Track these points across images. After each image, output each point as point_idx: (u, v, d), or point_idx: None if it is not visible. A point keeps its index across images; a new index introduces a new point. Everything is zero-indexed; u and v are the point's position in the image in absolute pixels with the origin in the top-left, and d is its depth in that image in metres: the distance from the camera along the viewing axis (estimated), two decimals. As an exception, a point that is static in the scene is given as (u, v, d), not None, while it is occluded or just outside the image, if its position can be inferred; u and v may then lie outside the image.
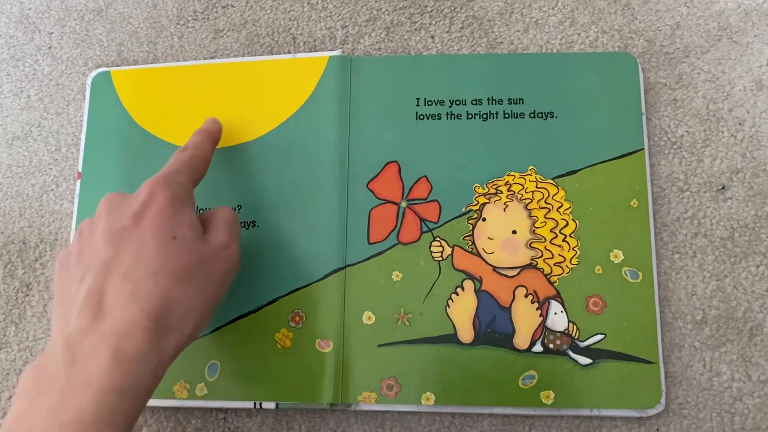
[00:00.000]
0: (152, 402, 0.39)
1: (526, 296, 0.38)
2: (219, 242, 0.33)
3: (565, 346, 0.37)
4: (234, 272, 0.34)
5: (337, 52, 0.43)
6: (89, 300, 0.29)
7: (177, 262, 0.31)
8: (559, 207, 0.39)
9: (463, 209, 0.40)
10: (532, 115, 0.41)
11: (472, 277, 0.39)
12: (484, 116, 0.41)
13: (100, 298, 0.29)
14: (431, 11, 0.45)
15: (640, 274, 0.38)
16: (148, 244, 0.31)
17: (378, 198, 0.41)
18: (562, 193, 0.39)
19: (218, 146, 0.42)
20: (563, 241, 0.39)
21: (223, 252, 0.33)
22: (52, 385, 0.26)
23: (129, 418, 0.27)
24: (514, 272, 0.39)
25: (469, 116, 0.41)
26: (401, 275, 0.39)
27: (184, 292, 0.30)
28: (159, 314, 0.29)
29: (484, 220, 0.40)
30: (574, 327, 0.38)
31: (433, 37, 0.44)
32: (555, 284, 0.38)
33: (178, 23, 0.47)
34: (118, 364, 0.27)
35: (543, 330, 0.38)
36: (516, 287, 0.38)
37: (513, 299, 0.38)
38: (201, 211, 0.41)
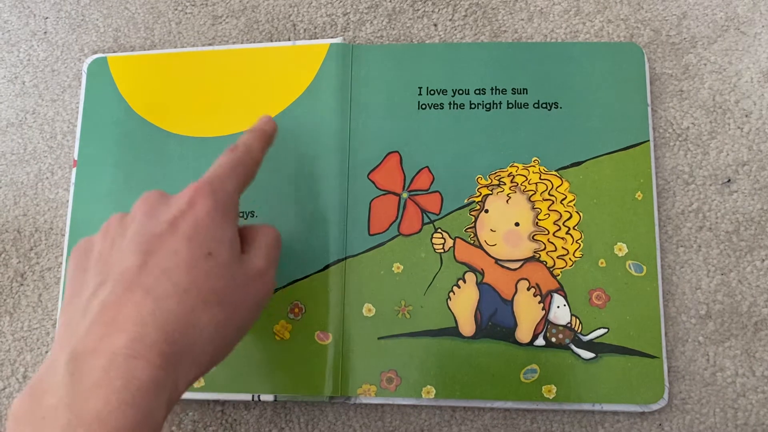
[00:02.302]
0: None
1: (528, 289, 0.38)
2: (256, 267, 0.31)
3: (567, 340, 0.37)
4: (266, 301, 0.32)
5: (338, 40, 0.42)
6: (103, 313, 0.26)
7: (208, 283, 0.28)
8: (563, 199, 0.39)
9: (466, 201, 0.39)
10: (536, 105, 0.40)
11: (473, 270, 0.38)
12: (488, 106, 0.40)
13: (115, 312, 0.26)
14: (434, -1, 0.44)
15: (644, 267, 0.38)
16: (180, 257, 0.28)
17: (379, 189, 0.40)
18: (566, 184, 0.39)
19: (215, 135, 0.42)
20: (567, 233, 0.38)
21: (258, 279, 0.31)
22: (56, 416, 0.23)
23: None
24: (517, 265, 0.38)
25: (472, 106, 0.40)
26: (402, 267, 0.39)
27: (211, 317, 0.28)
28: (179, 338, 0.26)
29: (486, 211, 0.39)
30: (577, 321, 0.37)
31: (435, 25, 0.44)
32: (558, 277, 0.38)
33: (176, 9, 0.46)
34: (132, 396, 0.24)
35: (545, 323, 0.37)
36: (518, 280, 0.38)
37: (515, 292, 0.38)
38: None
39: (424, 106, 0.41)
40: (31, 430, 0.24)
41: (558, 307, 0.37)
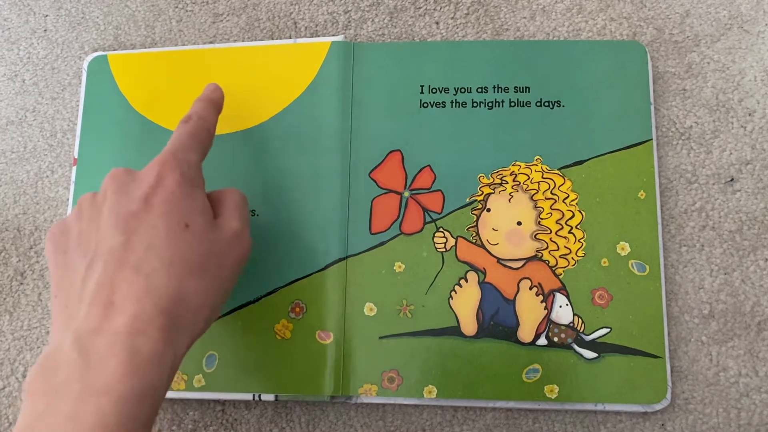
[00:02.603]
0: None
1: (530, 288, 0.38)
2: (231, 229, 0.32)
3: (569, 340, 0.37)
4: (246, 260, 0.33)
5: (339, 38, 0.42)
6: (99, 294, 0.27)
7: (190, 253, 0.29)
8: (566, 198, 0.39)
9: (468, 199, 0.39)
10: (538, 104, 0.40)
11: (475, 269, 0.38)
12: (490, 104, 0.40)
13: (110, 292, 0.27)
14: (436, -3, 0.44)
15: (647, 267, 0.37)
16: (160, 232, 0.29)
17: (380, 187, 0.40)
18: (568, 183, 0.39)
19: (216, 133, 0.41)
20: (569, 232, 0.38)
21: (236, 240, 0.32)
22: (68, 388, 0.25)
23: (149, 421, 0.26)
24: (519, 264, 0.38)
25: (474, 104, 0.40)
26: (403, 266, 0.38)
27: (198, 285, 0.29)
28: (173, 310, 0.28)
29: (488, 210, 0.39)
30: (579, 320, 0.37)
31: (437, 23, 0.43)
32: (560, 277, 0.38)
33: (177, 6, 0.46)
34: (136, 367, 0.26)
35: (548, 323, 0.37)
36: (520, 279, 0.38)
37: (517, 291, 0.38)
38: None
39: (425, 105, 0.41)
40: (47, 401, 0.25)
41: (560, 306, 0.37)
